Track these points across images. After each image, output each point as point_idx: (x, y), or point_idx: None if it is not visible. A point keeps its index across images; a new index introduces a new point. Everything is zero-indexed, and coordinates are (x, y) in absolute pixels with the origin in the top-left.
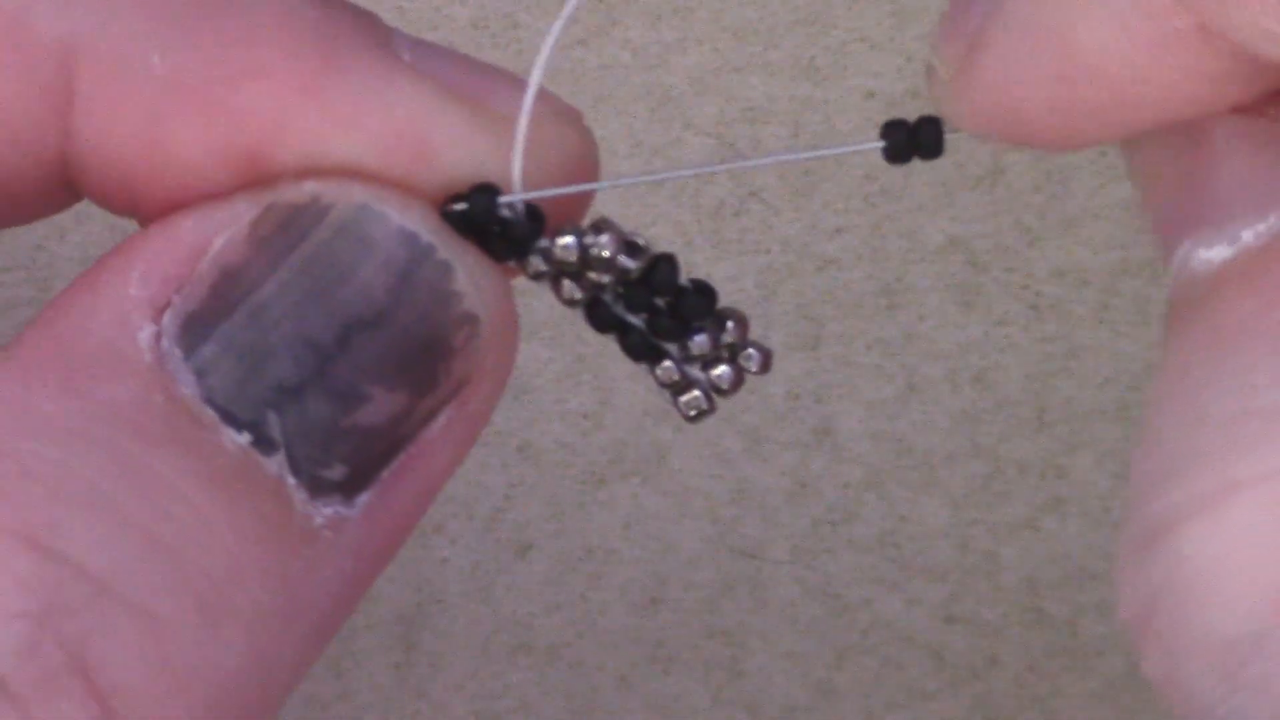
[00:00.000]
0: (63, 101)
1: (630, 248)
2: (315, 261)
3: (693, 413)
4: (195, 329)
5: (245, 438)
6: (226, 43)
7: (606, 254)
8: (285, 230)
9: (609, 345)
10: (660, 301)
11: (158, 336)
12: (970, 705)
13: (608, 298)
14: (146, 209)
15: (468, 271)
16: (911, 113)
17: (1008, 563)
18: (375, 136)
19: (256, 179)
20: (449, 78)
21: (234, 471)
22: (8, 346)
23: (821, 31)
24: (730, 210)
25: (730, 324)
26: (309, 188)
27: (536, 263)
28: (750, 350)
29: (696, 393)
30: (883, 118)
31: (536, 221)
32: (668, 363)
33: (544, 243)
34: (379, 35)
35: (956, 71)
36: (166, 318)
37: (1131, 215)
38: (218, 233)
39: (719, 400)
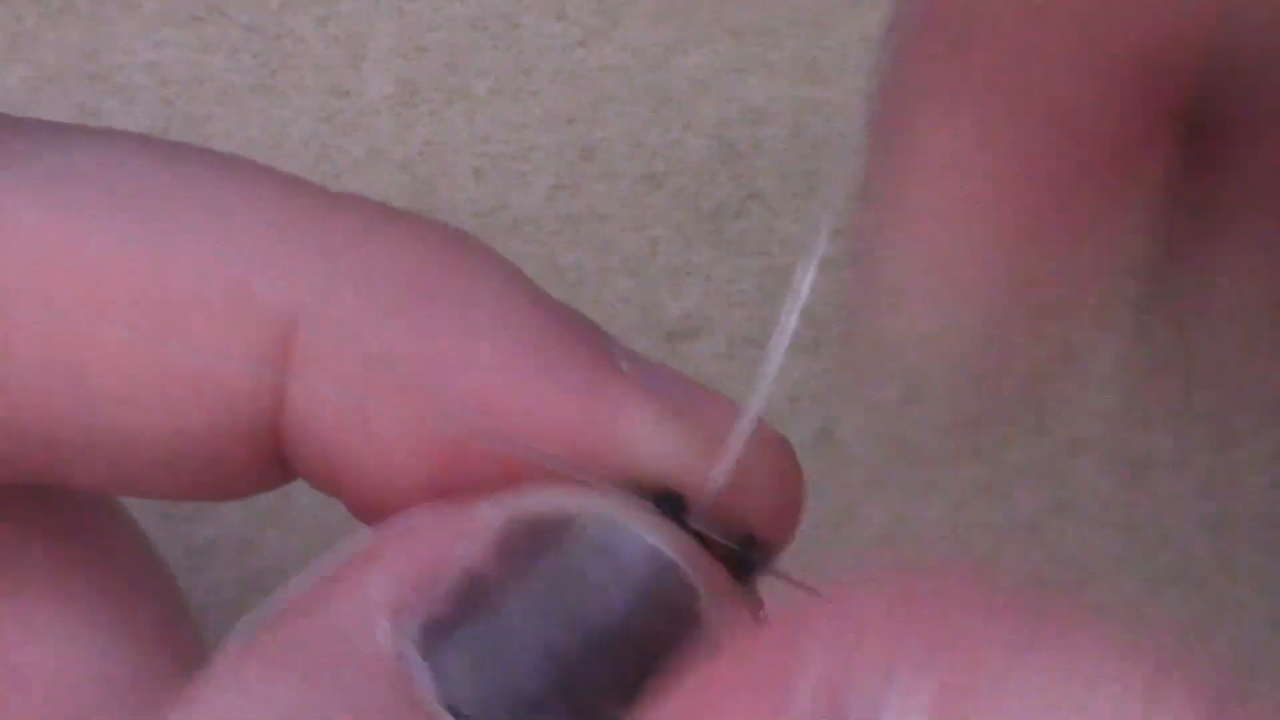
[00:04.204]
0: (279, 370)
1: None
2: (561, 574)
3: None
4: (436, 633)
5: None
6: (440, 330)
7: None
8: (531, 541)
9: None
10: None
11: (397, 638)
12: None
13: None
14: (348, 488)
15: (712, 597)
16: None
17: (1008, 565)
18: (579, 437)
19: (456, 469)
20: (663, 391)
21: None
22: (246, 640)
23: (823, 32)
24: (730, 211)
25: None
26: (556, 499)
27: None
28: None
29: None
30: None
31: (751, 549)
32: None
33: None
34: (597, 341)
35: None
36: (406, 619)
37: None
38: (462, 540)
39: None
